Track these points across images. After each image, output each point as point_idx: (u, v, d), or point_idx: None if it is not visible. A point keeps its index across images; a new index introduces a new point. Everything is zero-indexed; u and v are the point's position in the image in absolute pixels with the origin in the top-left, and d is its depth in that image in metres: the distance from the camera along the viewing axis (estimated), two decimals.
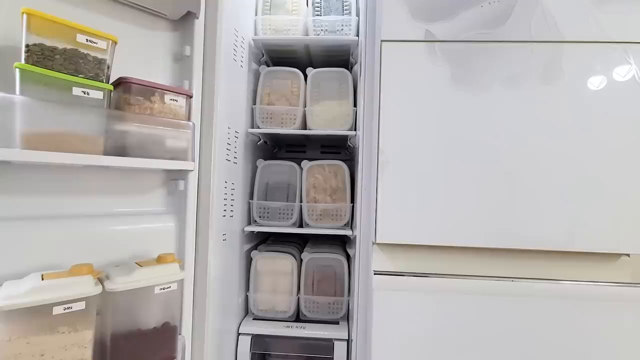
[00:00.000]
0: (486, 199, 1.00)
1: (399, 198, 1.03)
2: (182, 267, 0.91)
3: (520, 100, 1.01)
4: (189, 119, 0.97)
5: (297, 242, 1.61)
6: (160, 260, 0.84)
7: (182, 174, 0.97)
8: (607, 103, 0.98)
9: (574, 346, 0.99)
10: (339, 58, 1.55)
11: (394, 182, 1.03)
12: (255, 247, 1.45)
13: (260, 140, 1.51)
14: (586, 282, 1.00)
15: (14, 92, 0.68)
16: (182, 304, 0.93)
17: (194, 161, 0.96)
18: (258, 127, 1.41)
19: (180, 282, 0.89)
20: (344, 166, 1.44)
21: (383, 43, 1.06)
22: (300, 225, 1.42)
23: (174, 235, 0.98)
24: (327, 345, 1.29)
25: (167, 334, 0.83)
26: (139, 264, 0.81)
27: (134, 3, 0.92)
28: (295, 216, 1.40)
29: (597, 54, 1.00)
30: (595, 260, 1.00)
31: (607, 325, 0.98)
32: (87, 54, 0.77)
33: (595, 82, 0.99)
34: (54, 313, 0.67)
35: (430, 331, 1.02)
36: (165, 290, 0.82)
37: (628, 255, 1.00)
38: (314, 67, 1.45)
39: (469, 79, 1.03)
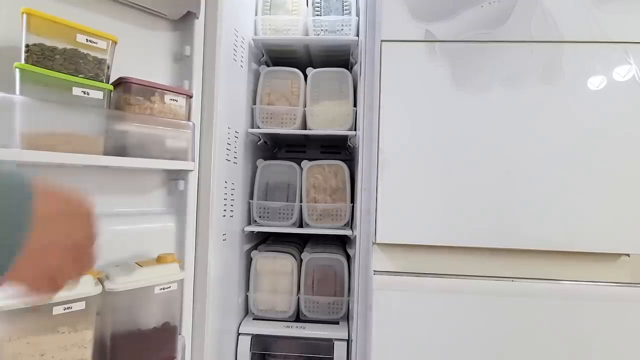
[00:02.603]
0: (486, 199, 1.00)
1: (399, 198, 1.03)
2: (182, 267, 0.91)
3: (520, 100, 1.01)
4: (189, 119, 0.97)
5: (297, 242, 1.61)
6: (160, 260, 0.84)
7: (182, 174, 0.97)
8: (607, 103, 0.98)
9: (574, 346, 0.99)
10: (339, 58, 1.55)
11: (394, 182, 1.03)
12: (255, 247, 1.45)
13: (260, 140, 1.51)
14: (586, 282, 1.00)
15: (14, 92, 0.68)
16: (182, 304, 0.93)
17: (193, 161, 0.96)
18: (258, 127, 1.41)
19: (180, 282, 0.89)
20: (344, 166, 1.44)
21: (383, 43, 1.06)
22: (300, 225, 1.42)
23: (174, 235, 0.98)
24: (327, 345, 1.29)
25: (167, 334, 0.83)
26: (139, 264, 0.81)
27: (134, 3, 0.92)
28: (295, 216, 1.40)
29: (597, 54, 1.00)
30: (595, 260, 1.00)
31: (607, 325, 0.98)
32: (87, 54, 0.77)
33: (595, 82, 0.99)
34: (54, 313, 0.67)
35: (430, 331, 1.02)
36: (165, 290, 0.82)
37: (628, 255, 1.00)
38: (314, 67, 1.45)
39: (469, 79, 1.03)
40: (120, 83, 0.85)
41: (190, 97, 0.97)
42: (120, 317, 0.77)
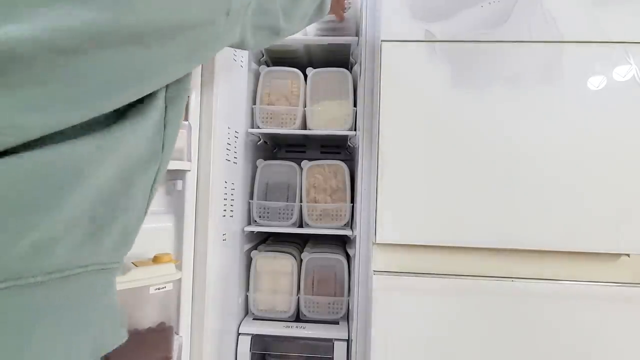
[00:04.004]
0: (486, 199, 1.00)
1: (399, 198, 1.03)
2: (180, 267, 0.91)
3: (520, 100, 1.01)
4: (186, 118, 0.96)
5: (297, 242, 1.61)
6: (156, 260, 0.83)
7: (179, 174, 0.97)
8: (607, 103, 0.98)
9: (574, 346, 0.99)
10: (339, 58, 1.55)
11: (394, 182, 1.03)
12: (255, 247, 1.45)
13: (260, 140, 1.51)
14: (586, 282, 1.00)
15: None
16: (181, 304, 0.93)
17: (190, 161, 0.96)
18: (258, 127, 1.41)
19: (177, 282, 0.88)
20: (344, 166, 1.44)
21: (383, 43, 1.07)
22: (300, 225, 1.42)
23: (172, 235, 0.97)
24: (327, 345, 1.28)
25: (162, 334, 0.83)
26: (135, 264, 0.81)
27: None
28: (295, 216, 1.40)
29: (597, 54, 1.00)
30: (595, 260, 1.00)
31: (607, 325, 0.98)
32: None
33: (595, 82, 0.99)
34: None
35: (430, 331, 1.02)
36: (161, 290, 0.82)
37: (628, 255, 0.99)
38: (314, 67, 1.45)
39: (469, 79, 1.03)
40: None
41: (187, 97, 0.97)
42: None
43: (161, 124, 0.49)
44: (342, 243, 1.63)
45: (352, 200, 1.39)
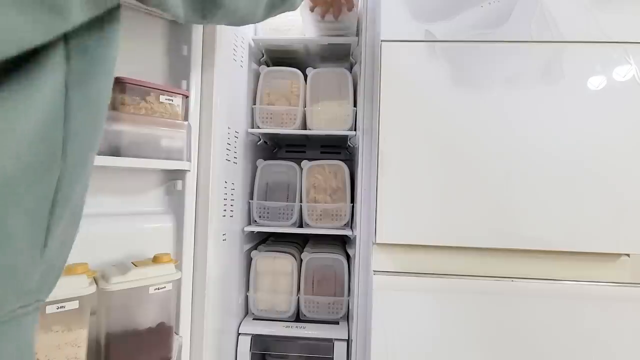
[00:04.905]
0: (486, 199, 1.00)
1: (399, 198, 1.03)
2: (179, 267, 0.91)
3: (521, 101, 1.01)
4: (185, 119, 0.96)
5: (297, 242, 1.61)
6: (156, 260, 0.84)
7: (179, 174, 0.97)
8: (607, 103, 0.98)
9: (574, 346, 0.99)
10: (339, 58, 1.55)
11: (394, 182, 1.03)
12: (255, 247, 1.45)
13: (260, 140, 1.51)
14: (586, 282, 1.00)
15: None
16: (181, 304, 0.93)
17: (189, 161, 0.96)
18: (258, 127, 1.41)
19: (177, 282, 0.88)
20: (344, 166, 1.44)
21: (383, 43, 1.06)
22: (300, 225, 1.42)
23: (172, 235, 0.97)
24: (327, 346, 1.28)
25: (162, 334, 0.83)
26: (135, 264, 0.81)
27: (130, 3, 0.92)
28: (295, 216, 1.40)
29: (597, 54, 0.99)
30: (595, 260, 1.00)
31: (607, 325, 0.98)
32: None
33: (595, 82, 0.99)
34: (47, 312, 0.66)
35: (430, 331, 1.02)
36: (160, 290, 0.82)
37: (628, 255, 0.99)
38: (314, 67, 1.45)
39: (469, 79, 1.03)
40: (116, 83, 0.84)
41: (187, 97, 0.97)
42: (114, 316, 0.77)
43: (59, 113, 0.34)
44: (342, 243, 1.63)
45: (352, 200, 1.39)
